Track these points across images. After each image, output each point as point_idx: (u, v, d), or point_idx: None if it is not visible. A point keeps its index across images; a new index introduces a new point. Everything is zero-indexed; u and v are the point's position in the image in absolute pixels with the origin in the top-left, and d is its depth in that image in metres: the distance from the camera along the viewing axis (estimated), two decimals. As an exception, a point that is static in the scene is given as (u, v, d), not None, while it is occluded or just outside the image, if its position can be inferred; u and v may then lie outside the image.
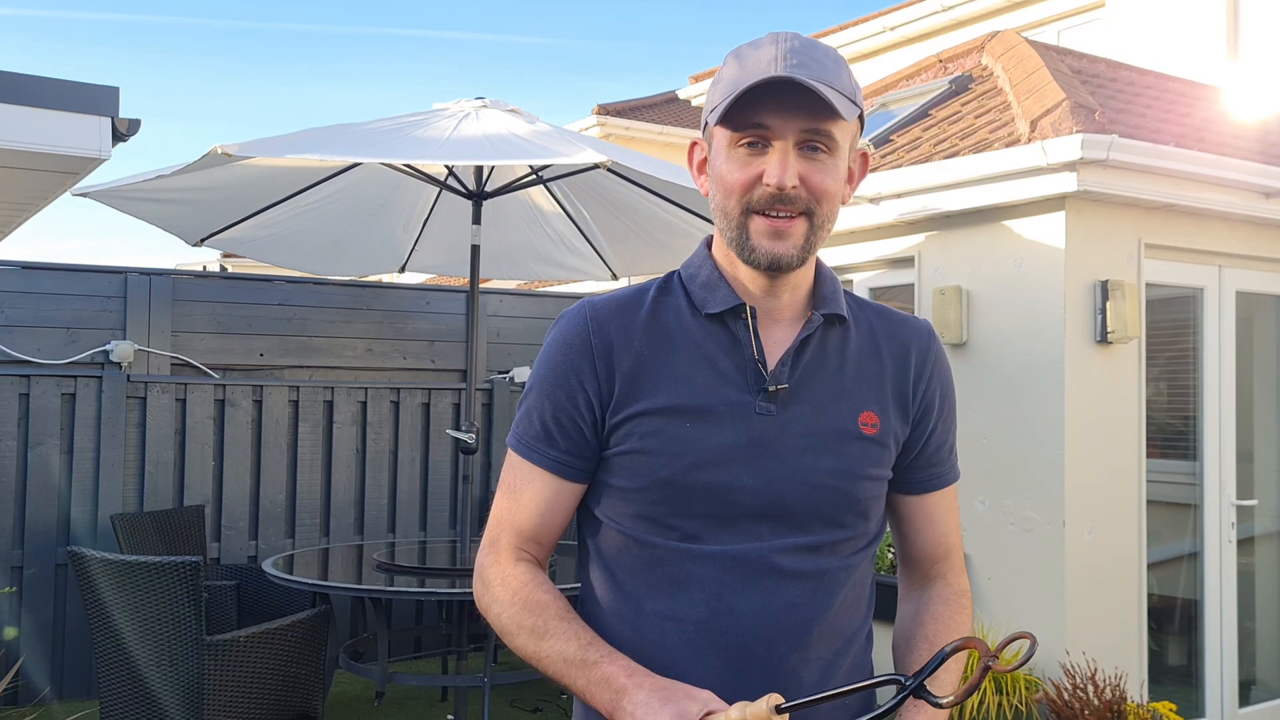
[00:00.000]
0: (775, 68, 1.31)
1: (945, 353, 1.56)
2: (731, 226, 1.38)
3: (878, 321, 1.50)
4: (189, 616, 3.73)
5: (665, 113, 13.07)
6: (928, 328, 1.54)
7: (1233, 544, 5.21)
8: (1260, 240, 5.24)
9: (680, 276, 1.48)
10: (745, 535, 1.37)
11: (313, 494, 6.11)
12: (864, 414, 1.43)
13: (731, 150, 1.36)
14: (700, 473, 1.36)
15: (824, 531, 1.40)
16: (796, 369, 1.41)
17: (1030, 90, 5.17)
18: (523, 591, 1.39)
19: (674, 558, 1.38)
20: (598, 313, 1.42)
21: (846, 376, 1.44)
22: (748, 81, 1.31)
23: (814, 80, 1.30)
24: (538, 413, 1.42)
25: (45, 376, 5.41)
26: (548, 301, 7.19)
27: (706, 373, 1.39)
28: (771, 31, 1.39)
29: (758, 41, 1.37)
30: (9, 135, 3.17)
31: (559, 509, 1.44)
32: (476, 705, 5.12)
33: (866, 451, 1.42)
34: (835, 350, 1.45)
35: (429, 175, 5.15)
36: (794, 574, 1.38)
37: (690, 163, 1.48)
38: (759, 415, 1.38)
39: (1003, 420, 4.78)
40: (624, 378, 1.39)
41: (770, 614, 1.37)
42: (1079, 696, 4.28)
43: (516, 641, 1.38)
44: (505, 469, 1.48)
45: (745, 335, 1.40)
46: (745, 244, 1.37)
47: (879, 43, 9.90)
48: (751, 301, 1.42)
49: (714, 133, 1.39)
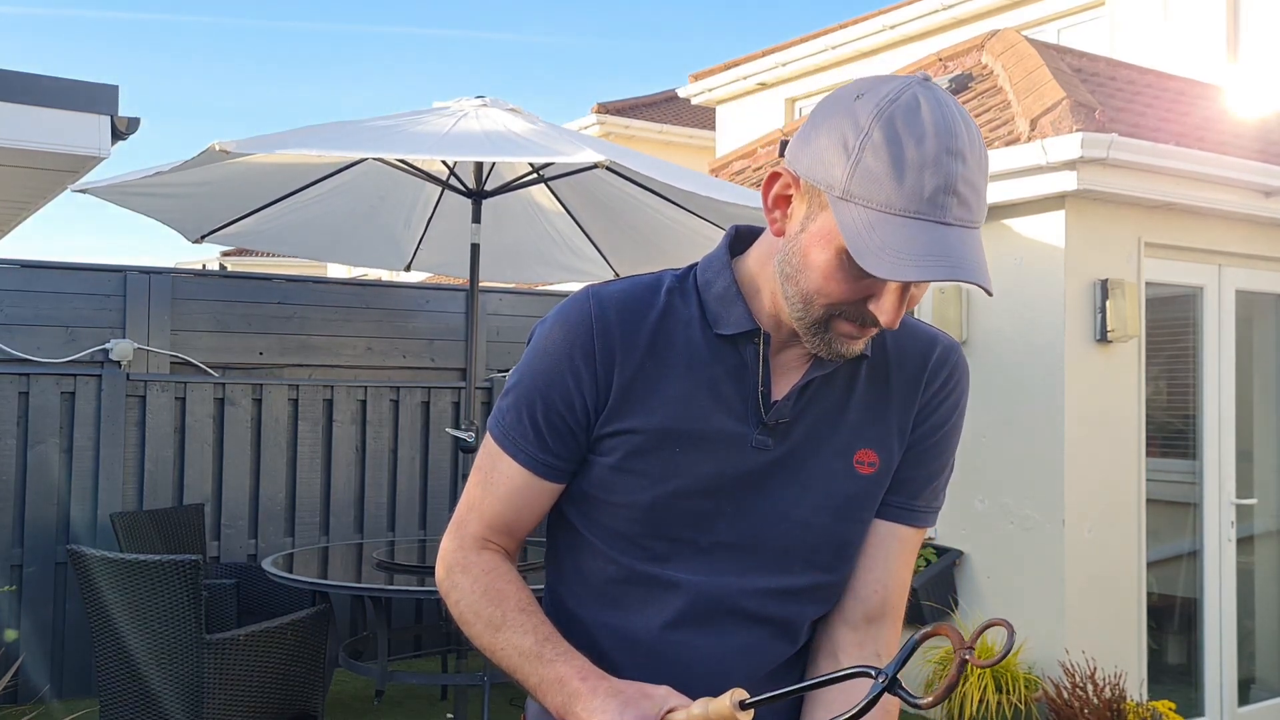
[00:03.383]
0: (939, 208, 1.12)
1: (966, 382, 1.42)
2: (809, 316, 1.23)
3: (892, 338, 1.38)
4: (188, 615, 3.73)
5: (665, 111, 13.06)
6: (949, 347, 1.41)
7: (1232, 543, 5.21)
8: (1260, 239, 5.24)
9: (696, 280, 1.35)
10: (717, 568, 1.31)
11: (312, 493, 6.11)
12: (862, 452, 1.34)
13: (845, 255, 1.17)
14: (683, 500, 1.30)
15: (802, 572, 1.33)
16: (801, 402, 1.32)
17: (1030, 89, 5.16)
18: (484, 579, 1.34)
19: (639, 578, 1.33)
20: (604, 310, 1.32)
21: (850, 411, 1.35)
22: (908, 224, 1.12)
23: (972, 257, 1.13)
24: (527, 408, 1.33)
25: (45, 375, 5.41)
26: (548, 300, 7.19)
27: (706, 397, 1.31)
28: (932, 102, 1.14)
29: (920, 128, 1.12)
30: (8, 133, 3.16)
31: (535, 507, 1.37)
32: (476, 704, 5.12)
33: (862, 490, 1.35)
34: (844, 380, 1.35)
35: (428, 173, 5.14)
36: (758, 618, 1.33)
37: (766, 193, 1.26)
38: (754, 449, 1.31)
39: (1003, 419, 4.78)
40: (621, 387, 1.30)
41: (724, 655, 1.32)
42: (1078, 695, 4.28)
43: (473, 630, 1.33)
44: (482, 454, 1.39)
45: (754, 363, 1.31)
46: (820, 336, 1.24)
47: (878, 41, 9.89)
48: (768, 326, 1.31)
49: (825, 204, 1.18)
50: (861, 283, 1.18)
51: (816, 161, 1.18)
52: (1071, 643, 4.51)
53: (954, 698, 4.40)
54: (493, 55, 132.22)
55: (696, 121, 12.90)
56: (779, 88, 10.97)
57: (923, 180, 1.11)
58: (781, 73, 10.81)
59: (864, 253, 1.12)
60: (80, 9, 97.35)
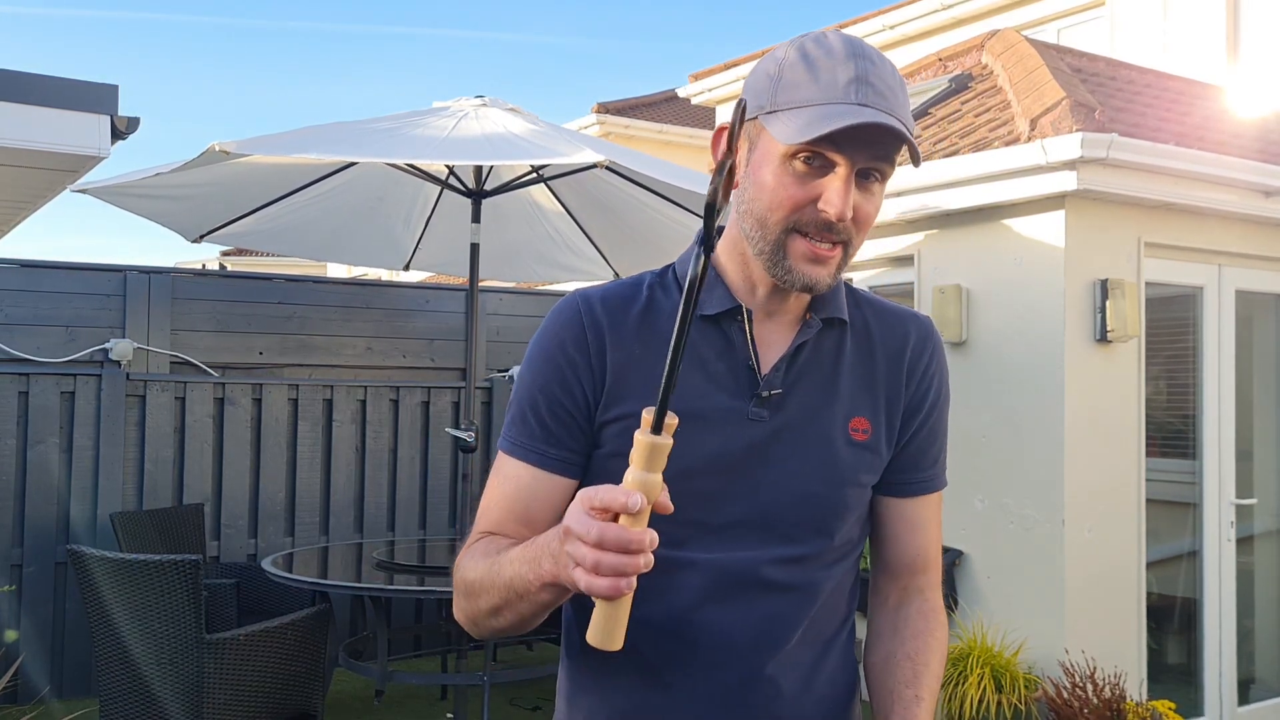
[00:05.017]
0: (854, 93, 1.23)
1: (943, 352, 1.51)
2: (768, 240, 1.30)
3: (873, 317, 1.45)
4: (188, 615, 3.74)
5: (665, 111, 13.06)
6: (925, 324, 1.49)
7: (1232, 543, 5.21)
8: (1260, 239, 5.24)
9: (675, 272, 1.43)
10: (732, 544, 1.34)
11: (312, 492, 6.11)
12: (855, 419, 1.39)
13: (787, 162, 1.26)
14: (690, 481, 1.31)
15: (811, 541, 1.37)
16: (791, 373, 1.37)
17: (1030, 89, 5.16)
18: (483, 545, 1.34)
19: (657, 563, 1.32)
20: (591, 306, 1.37)
21: (840, 379, 1.40)
22: (828, 105, 1.23)
23: (889, 115, 1.24)
24: (530, 408, 1.37)
25: (45, 375, 5.41)
26: (547, 300, 7.19)
27: (699, 377, 1.35)
28: (838, 32, 1.30)
29: (828, 44, 1.28)
30: (8, 133, 3.17)
31: (551, 508, 1.37)
32: (476, 704, 5.12)
33: (858, 458, 1.39)
34: (830, 352, 1.41)
35: (428, 173, 5.15)
36: (778, 585, 1.36)
37: (714, 150, 1.34)
38: (751, 421, 1.35)
39: (1002, 419, 4.78)
40: (615, 375, 1.35)
41: (751, 624, 1.35)
42: (1078, 695, 4.28)
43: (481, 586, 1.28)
44: (494, 473, 1.41)
45: (740, 338, 1.36)
46: (781, 263, 1.30)
47: (878, 41, 9.88)
48: (750, 303, 1.38)
49: (761, 129, 1.29)
50: (806, 186, 1.26)
51: (748, 102, 1.29)
52: (1071, 643, 4.51)
53: (954, 697, 4.41)
54: (493, 54, 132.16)
55: (696, 121, 12.89)
56: (779, 88, 10.95)
57: (836, 74, 1.25)
58: (781, 73, 10.79)
59: (794, 135, 1.23)
60: (81, 9, 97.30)
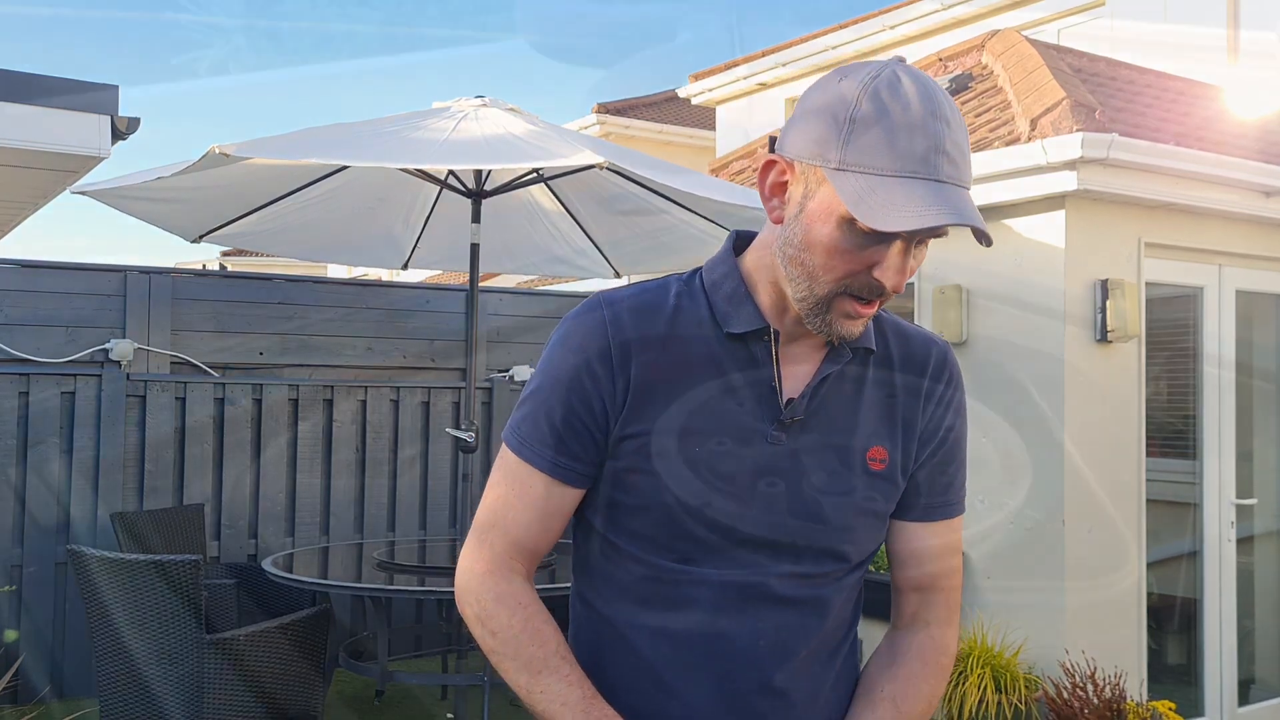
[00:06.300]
0: (931, 165, 1.18)
1: (962, 382, 1.49)
2: (814, 295, 1.27)
3: (896, 341, 1.43)
4: (188, 615, 3.73)
5: (665, 111, 13.06)
6: (944, 350, 1.47)
7: (1232, 543, 5.21)
8: (1260, 239, 5.24)
9: (703, 281, 1.39)
10: (742, 563, 1.34)
11: (312, 493, 6.11)
12: (874, 449, 1.38)
13: (848, 224, 1.21)
14: (705, 500, 1.32)
15: (823, 562, 1.37)
16: (815, 400, 1.35)
17: (1030, 89, 5.16)
18: (523, 614, 1.36)
19: (669, 576, 1.35)
20: (617, 315, 1.34)
21: (861, 409, 1.38)
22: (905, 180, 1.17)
23: (962, 190, 1.19)
24: (545, 414, 1.35)
25: (45, 375, 5.41)
26: (548, 300, 7.19)
27: (721, 395, 1.33)
28: (912, 76, 1.21)
29: (904, 98, 1.19)
30: (8, 133, 3.16)
31: (560, 516, 1.39)
32: (476, 704, 5.12)
33: (873, 486, 1.38)
34: (854, 380, 1.39)
35: (428, 174, 5.14)
36: (790, 600, 1.36)
37: (763, 181, 1.30)
38: (769, 444, 1.34)
39: (1003, 419, 4.78)
40: (637, 389, 1.33)
41: (761, 636, 1.35)
42: (1078, 695, 4.28)
43: (505, 664, 1.36)
44: (499, 465, 1.41)
45: (765, 358, 1.34)
46: (822, 317, 1.28)
47: (878, 41, 9.89)
48: (778, 324, 1.35)
49: (822, 179, 1.22)
50: (865, 251, 1.22)
51: (809, 141, 1.23)
52: (1071, 643, 4.51)
53: (954, 698, 4.40)
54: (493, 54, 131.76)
55: (696, 121, 12.90)
56: (779, 88, 10.98)
57: (914, 142, 1.17)
58: (781, 73, 10.81)
59: (868, 213, 1.17)
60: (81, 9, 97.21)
